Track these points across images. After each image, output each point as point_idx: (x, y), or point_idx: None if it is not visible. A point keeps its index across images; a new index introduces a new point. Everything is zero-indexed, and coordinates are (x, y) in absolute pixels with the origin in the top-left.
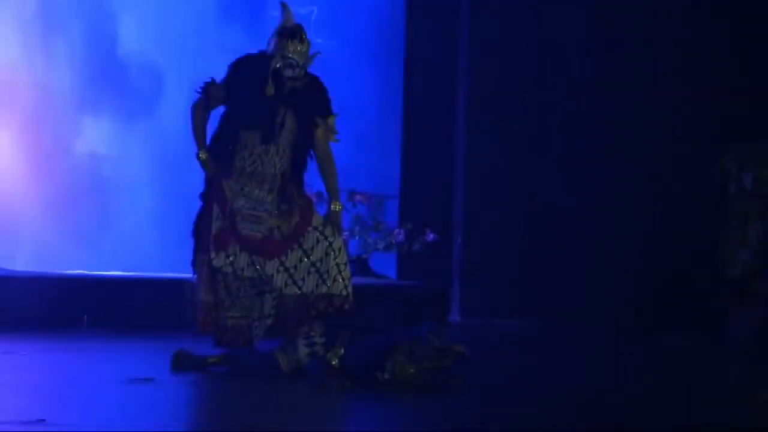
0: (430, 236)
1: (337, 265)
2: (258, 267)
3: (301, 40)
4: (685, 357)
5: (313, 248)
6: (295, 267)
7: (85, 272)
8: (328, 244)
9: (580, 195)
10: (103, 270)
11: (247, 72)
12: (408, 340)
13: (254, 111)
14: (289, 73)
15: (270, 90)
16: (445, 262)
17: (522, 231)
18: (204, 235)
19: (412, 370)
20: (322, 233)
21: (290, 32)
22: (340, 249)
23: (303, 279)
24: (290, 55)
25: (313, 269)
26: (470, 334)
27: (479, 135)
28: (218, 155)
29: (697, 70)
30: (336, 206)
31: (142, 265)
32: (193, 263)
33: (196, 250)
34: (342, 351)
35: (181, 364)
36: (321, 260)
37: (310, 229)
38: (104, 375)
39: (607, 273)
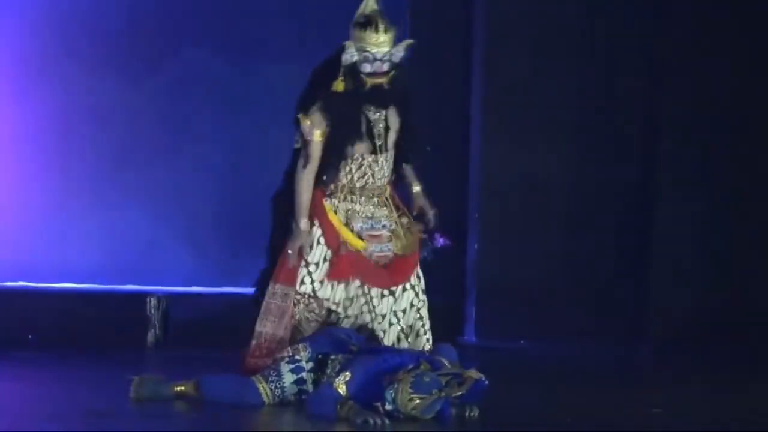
0: (440, 241)
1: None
2: (364, 302)
3: (377, 29)
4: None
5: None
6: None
7: (29, 284)
8: (414, 294)
9: (614, 198)
10: (50, 281)
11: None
12: (414, 365)
13: (353, 120)
14: (366, 68)
15: (339, 86)
16: (458, 272)
17: (549, 235)
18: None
19: (418, 401)
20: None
21: (365, 20)
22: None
23: (404, 311)
24: (367, 48)
25: (417, 300)
26: (488, 358)
27: (496, 128)
28: (324, 173)
29: (752, 64)
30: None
31: (97, 276)
32: (262, 290)
33: (271, 277)
34: (349, 376)
35: (143, 392)
36: (405, 311)
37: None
38: (54, 408)
39: (650, 286)
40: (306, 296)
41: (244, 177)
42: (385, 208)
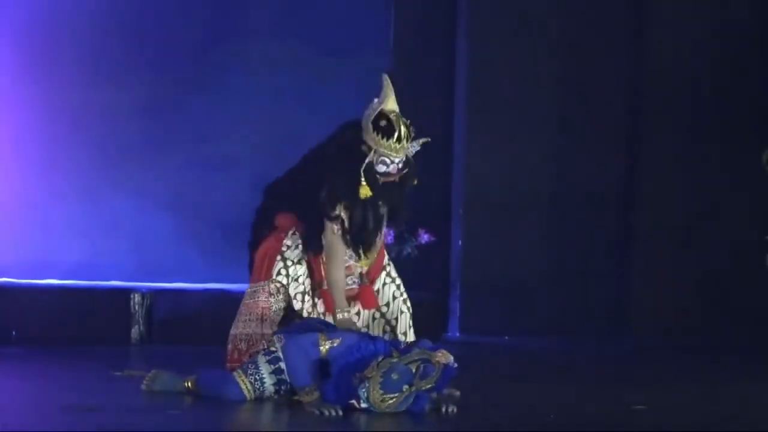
0: (425, 237)
1: (409, 308)
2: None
3: (399, 138)
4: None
5: (379, 291)
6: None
7: (12, 280)
8: (395, 287)
9: (596, 194)
10: (34, 277)
11: (352, 175)
12: (385, 353)
13: (372, 229)
14: (382, 168)
15: (365, 192)
16: (443, 268)
17: (532, 231)
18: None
19: (390, 401)
20: (389, 274)
21: (388, 127)
22: (403, 292)
23: (387, 305)
24: (386, 153)
25: (378, 315)
26: (471, 354)
27: (479, 125)
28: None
29: (734, 63)
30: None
31: (81, 272)
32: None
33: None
34: (338, 342)
35: (155, 386)
36: (388, 304)
37: (384, 263)
38: (37, 404)
39: (632, 282)
40: (284, 286)
41: (228, 173)
42: None
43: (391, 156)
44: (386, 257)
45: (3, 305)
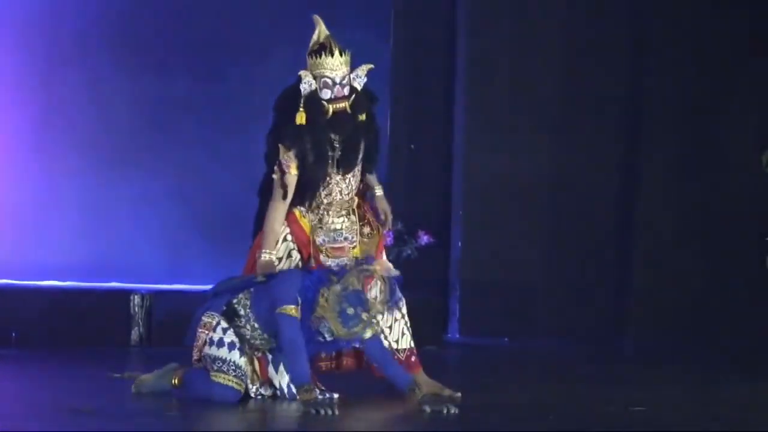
0: (424, 239)
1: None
2: None
3: (331, 53)
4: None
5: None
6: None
7: (12, 281)
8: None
9: (595, 195)
10: (34, 279)
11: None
12: (325, 282)
13: (321, 154)
14: (327, 95)
15: (301, 118)
16: (443, 269)
17: (532, 232)
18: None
19: (356, 330)
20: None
21: (319, 47)
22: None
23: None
24: (325, 74)
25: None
26: (471, 355)
27: (479, 127)
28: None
29: (733, 63)
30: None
31: (81, 274)
32: None
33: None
34: (301, 302)
35: (144, 388)
36: None
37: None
38: (36, 405)
39: (632, 283)
40: None
41: (226, 176)
42: (349, 218)
43: (332, 73)
44: (384, 257)
45: (3, 306)
